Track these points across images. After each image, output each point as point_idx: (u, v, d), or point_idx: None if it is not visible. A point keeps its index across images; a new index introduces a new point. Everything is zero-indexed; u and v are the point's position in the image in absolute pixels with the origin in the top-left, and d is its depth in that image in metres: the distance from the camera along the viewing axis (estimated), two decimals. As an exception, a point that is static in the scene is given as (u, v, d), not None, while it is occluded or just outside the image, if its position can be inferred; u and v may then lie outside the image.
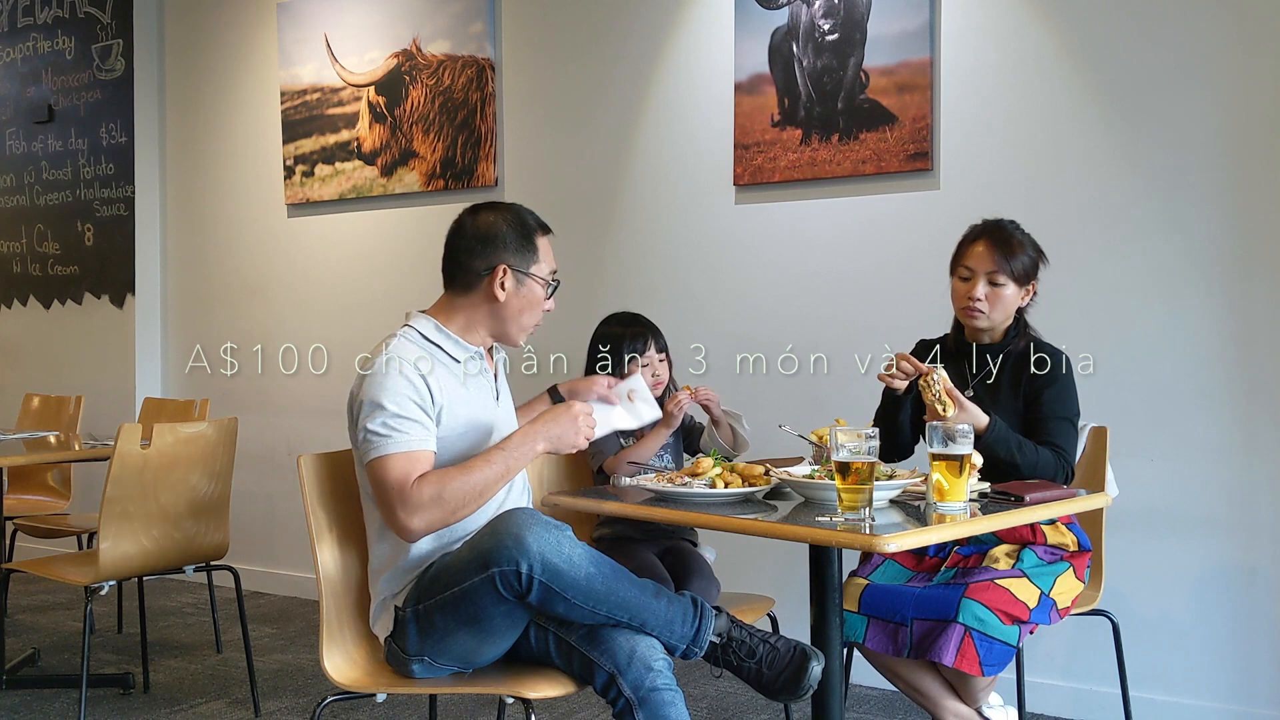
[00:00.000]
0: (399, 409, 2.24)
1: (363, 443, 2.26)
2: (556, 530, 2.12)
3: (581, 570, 2.10)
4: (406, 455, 2.23)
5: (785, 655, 2.15)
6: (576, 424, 2.29)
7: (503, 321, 2.42)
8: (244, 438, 3.75)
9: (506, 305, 2.40)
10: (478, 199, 4.88)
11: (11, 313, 6.08)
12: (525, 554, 2.07)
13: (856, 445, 2.07)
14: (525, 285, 2.40)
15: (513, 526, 2.11)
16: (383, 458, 2.23)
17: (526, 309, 2.41)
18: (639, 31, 4.29)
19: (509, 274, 2.38)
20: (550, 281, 2.44)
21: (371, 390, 2.27)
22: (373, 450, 2.24)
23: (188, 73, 5.59)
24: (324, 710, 2.34)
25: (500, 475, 2.26)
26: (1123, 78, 3.42)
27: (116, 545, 3.26)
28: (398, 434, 2.24)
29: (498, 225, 2.41)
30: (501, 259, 2.38)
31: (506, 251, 2.39)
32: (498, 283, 2.38)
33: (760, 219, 4.04)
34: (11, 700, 3.71)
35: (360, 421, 2.27)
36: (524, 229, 2.42)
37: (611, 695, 2.12)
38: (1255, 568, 3.29)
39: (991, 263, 2.69)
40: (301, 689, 3.85)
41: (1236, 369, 3.29)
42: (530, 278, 2.40)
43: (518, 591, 2.10)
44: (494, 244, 2.39)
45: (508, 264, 2.38)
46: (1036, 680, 3.46)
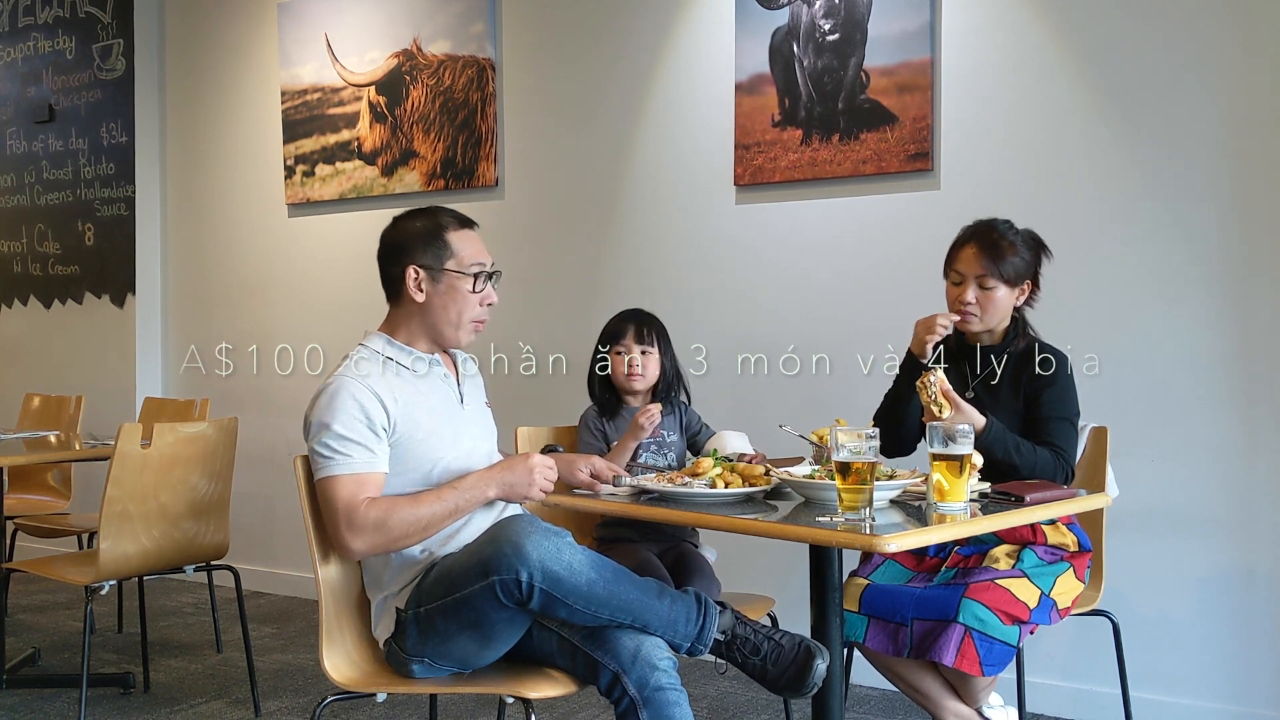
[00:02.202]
0: (346, 431, 2.28)
1: (311, 462, 2.31)
2: (556, 537, 2.12)
3: (582, 576, 2.10)
4: (354, 477, 2.27)
5: (790, 652, 2.15)
6: (531, 476, 2.30)
7: (434, 324, 2.43)
8: (244, 438, 3.75)
9: (428, 305, 2.41)
10: (478, 199, 4.90)
11: (12, 312, 6.08)
12: (525, 562, 2.07)
13: (857, 445, 2.07)
14: (443, 281, 2.40)
15: (512, 534, 2.11)
16: (330, 478, 2.27)
17: (453, 305, 2.41)
18: (639, 31, 4.29)
19: (421, 273, 2.40)
20: (470, 274, 2.41)
21: (320, 412, 2.31)
22: (320, 470, 2.28)
23: (188, 73, 5.59)
24: (324, 710, 2.34)
25: (448, 513, 2.28)
26: (1123, 78, 3.42)
27: (117, 545, 3.26)
28: (342, 456, 2.27)
29: (405, 229, 2.45)
30: (410, 259, 2.40)
31: (415, 252, 2.41)
32: (411, 284, 2.40)
33: (761, 219, 4.04)
34: (11, 700, 3.71)
35: (309, 442, 2.31)
36: (432, 227, 2.43)
37: (616, 695, 2.12)
38: (1255, 568, 3.29)
39: (980, 266, 2.69)
40: (301, 689, 3.85)
41: (1237, 369, 3.29)
42: (445, 273, 2.40)
43: (518, 599, 2.10)
44: (402, 247, 2.42)
45: (417, 263, 2.40)
46: (1036, 680, 3.46)
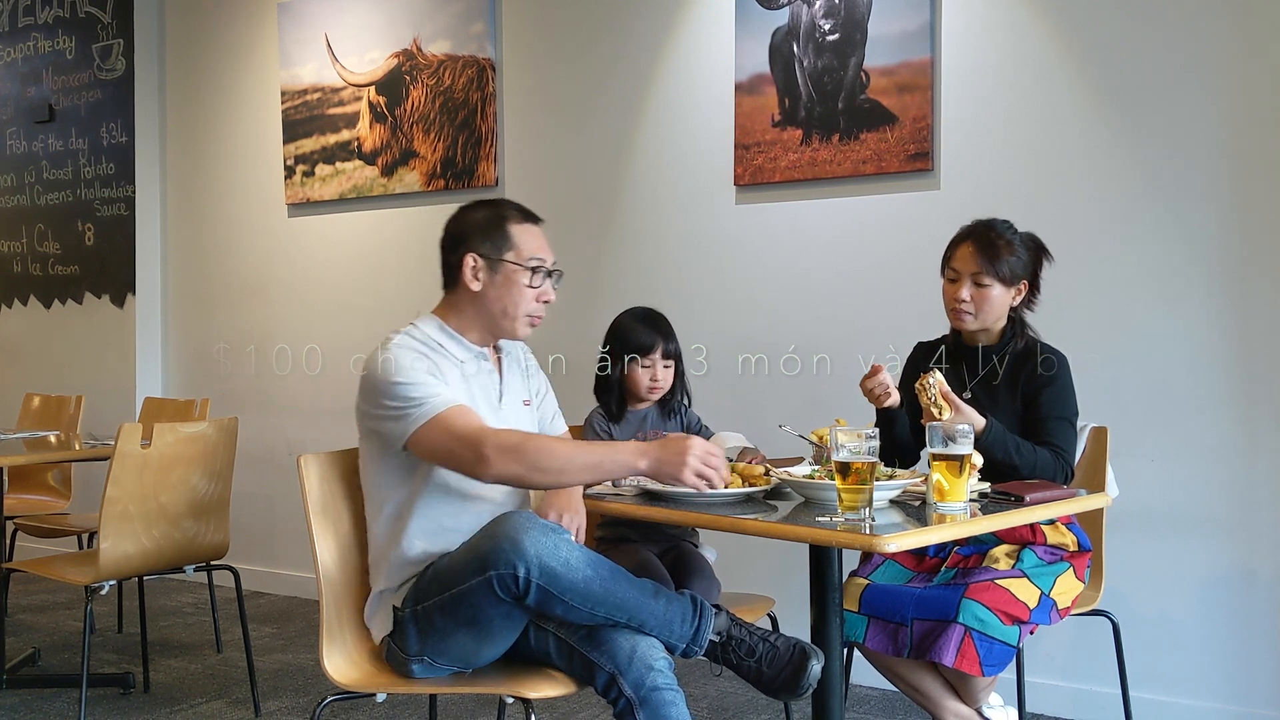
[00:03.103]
0: (420, 378, 2.25)
1: (399, 418, 2.24)
2: (554, 534, 2.12)
3: (579, 573, 2.10)
4: (458, 409, 2.24)
5: (785, 654, 2.15)
6: (684, 458, 2.13)
7: (487, 313, 2.41)
8: (244, 438, 3.75)
9: (484, 295, 2.39)
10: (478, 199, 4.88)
11: (12, 312, 6.08)
12: (522, 557, 2.07)
13: (856, 445, 2.07)
14: (499, 272, 2.39)
15: (509, 530, 2.11)
16: (436, 417, 2.22)
17: (507, 297, 2.39)
18: (639, 32, 4.29)
19: (479, 261, 2.38)
20: (529, 268, 2.39)
21: (386, 373, 2.27)
22: (417, 418, 2.22)
23: (188, 73, 5.59)
24: (324, 710, 2.34)
25: (590, 465, 2.19)
26: (1123, 78, 3.42)
27: (117, 545, 3.26)
28: (433, 396, 2.24)
29: (468, 217, 2.44)
30: (469, 247, 2.39)
31: (474, 240, 2.39)
32: (469, 272, 2.38)
33: (761, 219, 4.04)
34: (11, 700, 3.71)
35: (381, 401, 2.25)
36: (495, 217, 2.42)
37: (612, 695, 2.12)
38: (1255, 568, 3.29)
39: (976, 264, 2.69)
40: (301, 689, 3.85)
41: (1236, 369, 3.29)
42: (503, 263, 2.39)
43: (515, 594, 2.10)
44: (463, 234, 2.41)
45: (476, 251, 2.38)
46: (1036, 680, 3.46)
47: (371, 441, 2.36)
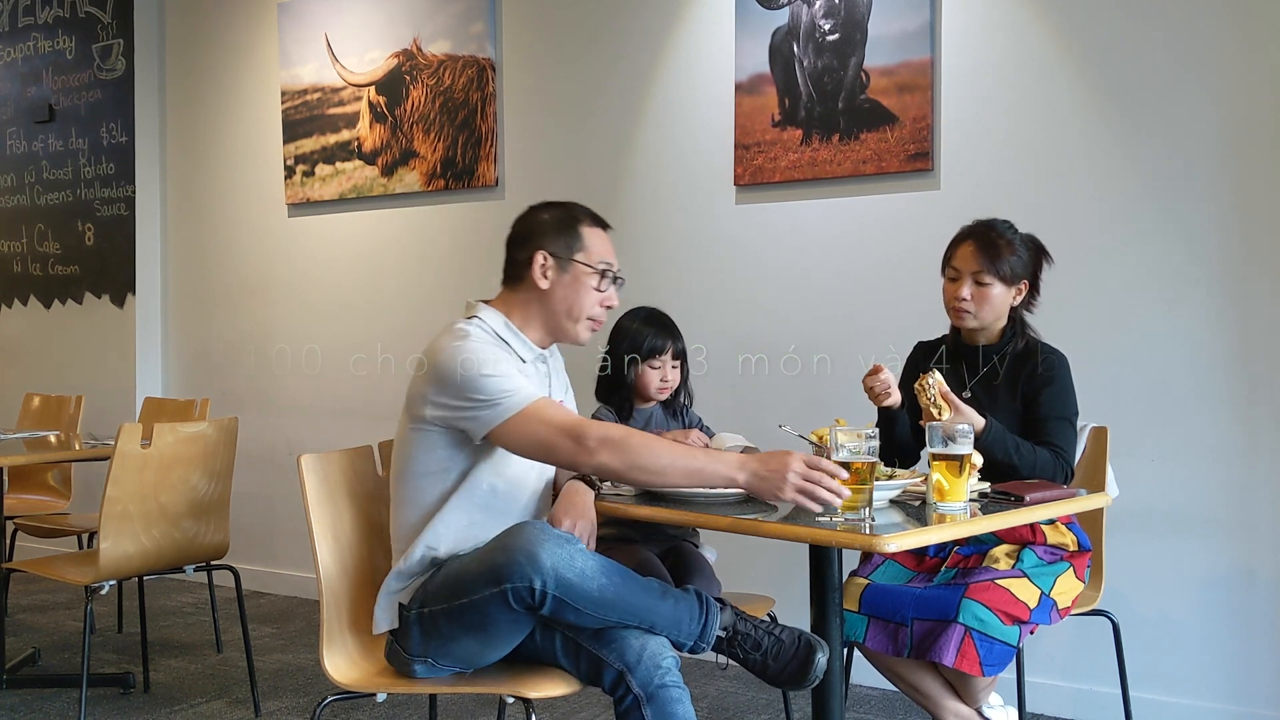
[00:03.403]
0: (505, 370, 2.24)
1: (487, 407, 2.21)
2: (568, 544, 2.13)
3: (594, 582, 2.10)
4: (547, 401, 2.23)
5: (790, 646, 2.16)
6: (784, 476, 2.05)
7: (552, 312, 2.39)
8: (244, 438, 3.75)
9: (552, 293, 2.38)
10: (478, 199, 4.90)
11: (12, 312, 6.08)
12: (539, 570, 2.07)
13: (856, 445, 2.07)
14: (570, 272, 2.37)
15: (525, 543, 2.11)
16: (529, 408, 2.20)
17: (575, 298, 2.37)
18: (639, 31, 4.29)
19: (550, 260, 2.37)
20: (599, 270, 2.38)
21: (473, 363, 2.23)
22: (506, 409, 2.20)
23: (188, 72, 5.60)
24: (324, 710, 2.34)
25: (692, 470, 2.14)
26: (1123, 78, 3.42)
27: (117, 545, 3.26)
28: (524, 389, 2.22)
29: (540, 215, 2.43)
30: (541, 245, 2.38)
31: (546, 239, 2.38)
32: (538, 269, 2.37)
33: (761, 219, 4.04)
34: (11, 700, 3.71)
35: (466, 394, 2.22)
36: (567, 218, 2.41)
37: (620, 693, 2.13)
38: (1255, 568, 3.29)
39: (977, 263, 2.70)
40: (301, 689, 3.85)
41: (1236, 369, 3.29)
42: (575, 264, 2.37)
43: (530, 605, 2.10)
44: (534, 233, 2.40)
45: (547, 249, 2.37)
46: (1036, 680, 3.46)
47: (428, 434, 2.31)
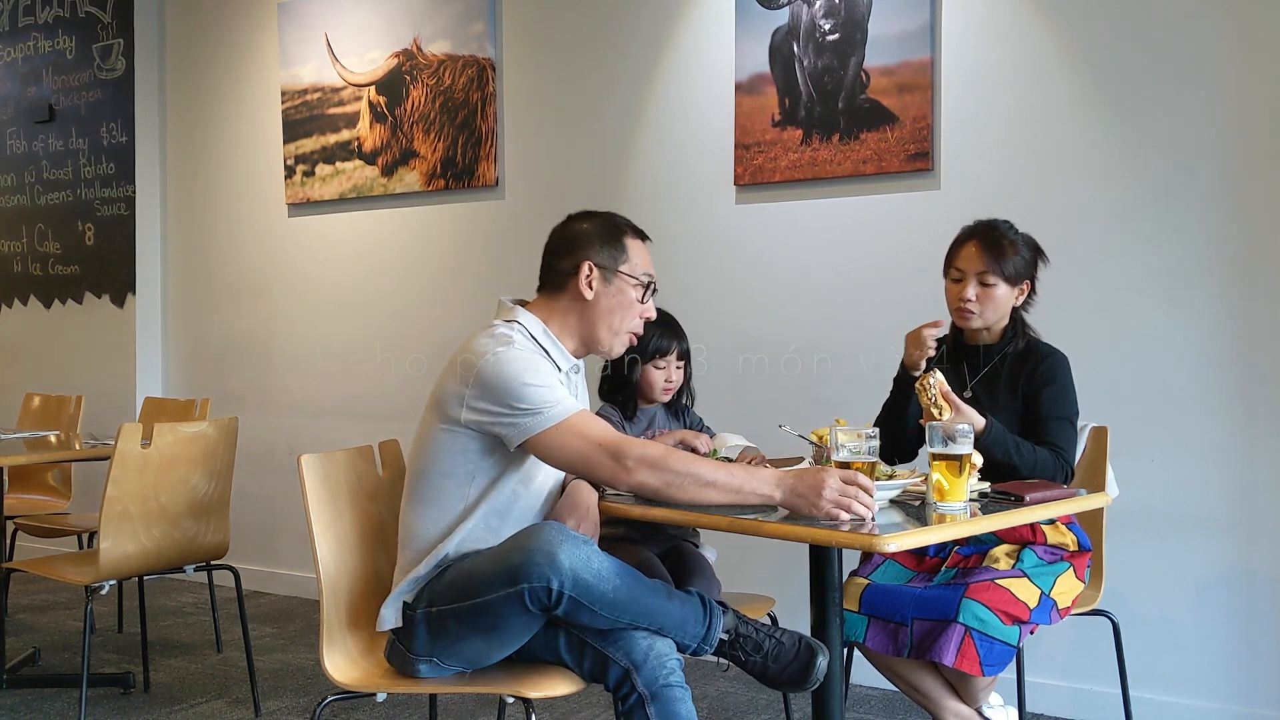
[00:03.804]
0: (549, 381, 2.23)
1: (528, 416, 2.19)
2: (585, 545, 2.13)
3: (609, 583, 2.11)
4: (588, 414, 2.23)
5: (791, 649, 2.17)
6: (820, 492, 2.06)
7: (592, 324, 2.37)
8: (244, 438, 3.75)
9: (595, 304, 2.36)
10: (478, 199, 4.90)
11: (12, 312, 6.08)
12: (557, 571, 2.08)
13: (856, 445, 2.07)
14: (614, 283, 2.36)
15: (543, 543, 2.11)
16: (569, 420, 2.19)
17: (618, 309, 2.36)
18: (640, 31, 4.29)
19: (595, 271, 2.35)
20: (641, 282, 2.38)
21: (516, 370, 2.21)
22: (546, 419, 2.18)
23: (188, 72, 5.60)
24: (324, 710, 2.34)
25: (730, 489, 2.14)
26: (1123, 78, 3.42)
27: (117, 545, 3.26)
28: (565, 400, 2.21)
29: (583, 226, 2.41)
30: (587, 256, 2.36)
31: (592, 249, 2.36)
32: (584, 280, 2.35)
33: (761, 219, 4.04)
34: (11, 700, 3.71)
35: (507, 401, 2.20)
36: (612, 229, 2.40)
37: (624, 691, 2.14)
38: (1255, 568, 3.29)
39: (981, 264, 2.70)
40: (301, 689, 3.85)
41: (1236, 369, 3.29)
42: (619, 276, 2.36)
43: (545, 605, 2.11)
44: (579, 243, 2.38)
45: (593, 261, 2.35)
46: (1036, 680, 3.46)
47: (458, 435, 2.28)
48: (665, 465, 2.15)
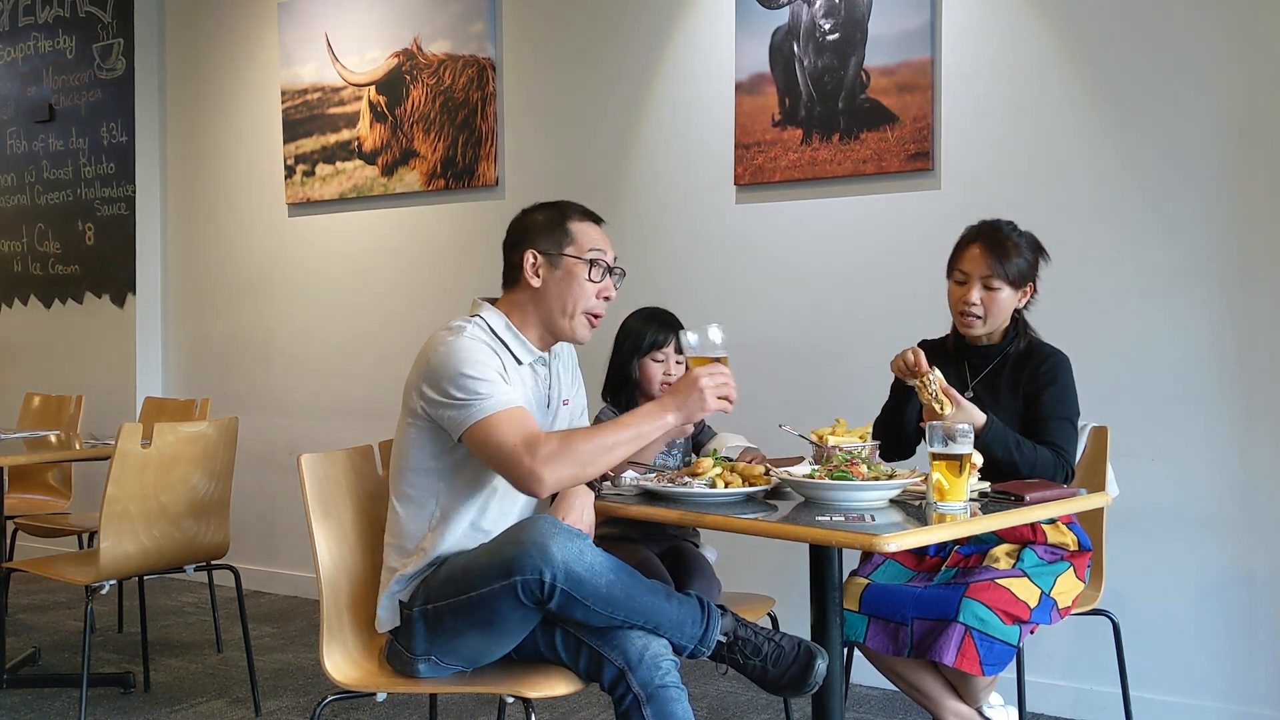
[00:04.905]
0: (485, 374, 2.23)
1: (461, 407, 2.21)
2: (579, 539, 2.13)
3: (603, 578, 2.11)
4: (515, 411, 2.21)
5: (790, 653, 2.17)
6: (702, 393, 2.19)
7: (547, 311, 2.39)
8: (244, 437, 3.75)
9: (544, 291, 2.38)
10: (478, 199, 4.90)
11: (12, 312, 6.08)
12: (549, 563, 2.08)
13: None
14: (561, 267, 2.37)
15: (536, 536, 2.11)
16: (491, 416, 2.19)
17: (566, 292, 2.37)
18: (640, 31, 4.29)
19: (540, 258, 2.37)
20: (588, 260, 2.38)
21: (451, 361, 2.23)
22: (474, 413, 2.19)
23: (188, 72, 5.60)
24: (324, 710, 2.34)
25: (631, 438, 2.19)
26: (1122, 78, 3.42)
27: (117, 544, 3.26)
28: (494, 395, 2.21)
29: (530, 217, 2.44)
30: (531, 245, 2.38)
31: (536, 238, 2.39)
32: (529, 269, 2.37)
33: (761, 218, 4.04)
34: (12, 699, 3.71)
35: (446, 389, 2.22)
36: (556, 215, 2.42)
37: (620, 691, 2.13)
38: (1255, 568, 3.29)
39: (986, 267, 2.69)
40: (301, 688, 3.85)
41: (1236, 369, 3.29)
42: (564, 258, 2.37)
43: (538, 599, 2.11)
44: (525, 234, 2.41)
45: (536, 249, 2.38)
46: (1037, 680, 3.46)
47: (422, 429, 2.31)
48: (569, 450, 2.16)
